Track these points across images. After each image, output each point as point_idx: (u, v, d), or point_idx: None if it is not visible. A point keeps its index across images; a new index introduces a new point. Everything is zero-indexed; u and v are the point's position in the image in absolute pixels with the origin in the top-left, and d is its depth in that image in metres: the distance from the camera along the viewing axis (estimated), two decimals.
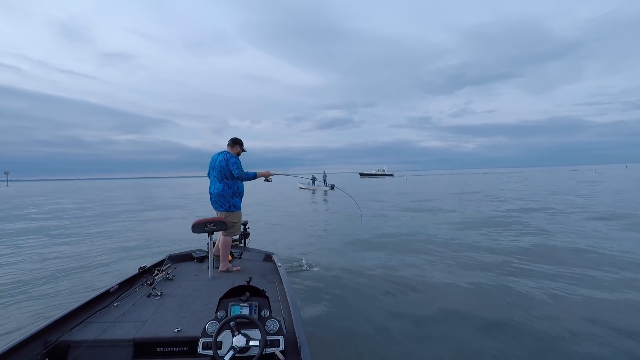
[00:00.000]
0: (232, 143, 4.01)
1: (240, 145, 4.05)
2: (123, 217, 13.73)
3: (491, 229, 8.78)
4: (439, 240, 7.61)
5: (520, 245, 6.85)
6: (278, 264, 3.69)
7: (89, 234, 9.67)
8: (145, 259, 5.54)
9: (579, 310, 3.74)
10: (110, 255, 6.96)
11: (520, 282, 4.66)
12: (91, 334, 2.22)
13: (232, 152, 3.98)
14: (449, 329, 3.40)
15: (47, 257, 6.88)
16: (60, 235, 9.63)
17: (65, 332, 2.20)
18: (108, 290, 2.90)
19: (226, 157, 3.83)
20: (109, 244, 8.16)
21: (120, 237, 9.22)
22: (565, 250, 6.33)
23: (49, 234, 9.98)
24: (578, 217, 10.11)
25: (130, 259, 6.55)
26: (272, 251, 4.38)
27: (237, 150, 4.02)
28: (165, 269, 3.57)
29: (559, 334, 3.22)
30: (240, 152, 4.08)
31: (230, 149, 3.99)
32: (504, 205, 13.81)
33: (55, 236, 9.54)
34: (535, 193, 19.54)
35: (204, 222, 3.53)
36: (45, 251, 7.54)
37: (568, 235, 7.66)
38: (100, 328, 2.30)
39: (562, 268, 5.23)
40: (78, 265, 6.15)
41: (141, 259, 6.14)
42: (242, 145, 4.07)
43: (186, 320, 2.45)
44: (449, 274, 5.17)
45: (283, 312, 2.58)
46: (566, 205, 13.19)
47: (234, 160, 3.83)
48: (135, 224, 11.77)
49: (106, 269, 5.84)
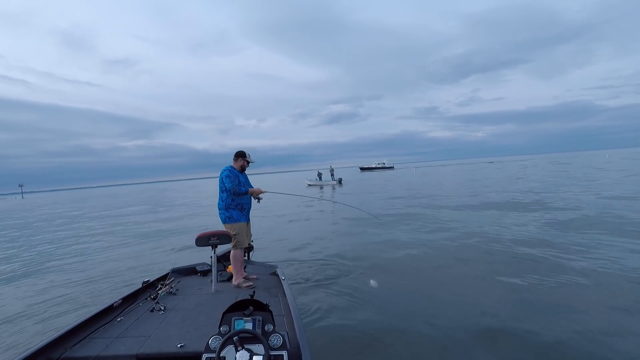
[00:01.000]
0: (235, 157, 4.07)
1: (242, 158, 4.05)
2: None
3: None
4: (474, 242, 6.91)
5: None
6: (282, 277, 3.66)
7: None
8: (149, 273, 5.56)
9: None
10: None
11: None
12: (94, 349, 2.22)
13: (236, 166, 4.04)
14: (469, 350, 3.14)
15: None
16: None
17: (68, 349, 2.20)
18: (111, 305, 2.90)
19: (222, 171, 3.93)
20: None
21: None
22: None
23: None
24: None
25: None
26: (276, 264, 4.34)
27: (240, 163, 4.04)
28: (168, 283, 3.57)
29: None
30: (244, 165, 4.07)
31: (234, 163, 4.06)
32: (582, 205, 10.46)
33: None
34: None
35: (207, 235, 3.52)
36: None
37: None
38: (104, 344, 2.30)
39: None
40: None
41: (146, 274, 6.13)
42: (244, 157, 4.05)
43: (189, 335, 2.44)
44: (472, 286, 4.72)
45: (287, 327, 2.55)
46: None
47: (226, 174, 3.89)
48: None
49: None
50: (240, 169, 4.05)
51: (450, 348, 3.12)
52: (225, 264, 4.27)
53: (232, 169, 3.97)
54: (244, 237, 3.93)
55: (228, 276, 3.99)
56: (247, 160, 4.07)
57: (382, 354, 3.11)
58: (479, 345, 3.12)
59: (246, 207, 4.04)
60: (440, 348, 3.12)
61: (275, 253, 7.11)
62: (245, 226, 3.98)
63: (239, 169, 4.04)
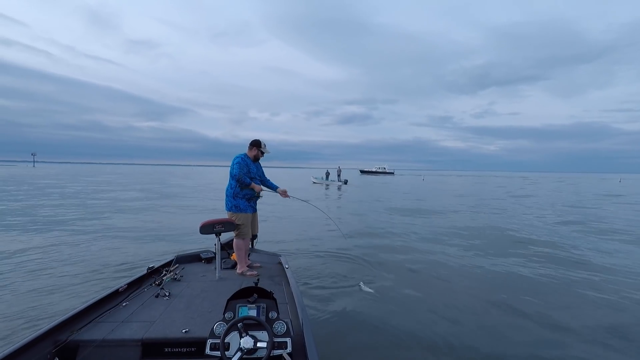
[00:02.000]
0: (250, 145, 4.01)
1: (257, 147, 3.98)
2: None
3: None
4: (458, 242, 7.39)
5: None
6: (285, 265, 3.68)
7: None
8: (154, 259, 5.65)
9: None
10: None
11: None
12: (100, 333, 2.25)
13: (250, 155, 3.98)
14: (466, 338, 3.33)
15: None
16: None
17: (74, 332, 2.23)
18: (117, 290, 2.93)
19: (235, 157, 3.88)
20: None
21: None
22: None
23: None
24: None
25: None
26: (279, 252, 4.36)
27: (254, 152, 3.98)
28: (173, 269, 3.60)
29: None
30: (257, 155, 4.01)
31: (248, 152, 4.00)
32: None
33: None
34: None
35: (212, 223, 3.55)
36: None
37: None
38: (109, 328, 2.33)
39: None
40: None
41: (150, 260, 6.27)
42: (259, 147, 3.99)
43: (194, 321, 2.46)
44: (466, 273, 5.04)
45: (290, 314, 2.58)
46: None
47: (238, 160, 3.84)
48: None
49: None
50: (253, 159, 4.00)
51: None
52: (230, 252, 4.28)
53: (245, 157, 3.91)
54: (248, 227, 3.89)
55: (232, 264, 4.00)
56: (262, 151, 4.01)
57: (386, 343, 3.20)
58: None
59: (254, 198, 3.99)
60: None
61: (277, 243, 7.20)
62: (250, 217, 3.93)
63: (252, 158, 3.98)
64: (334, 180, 34.03)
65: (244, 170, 3.82)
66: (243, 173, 3.80)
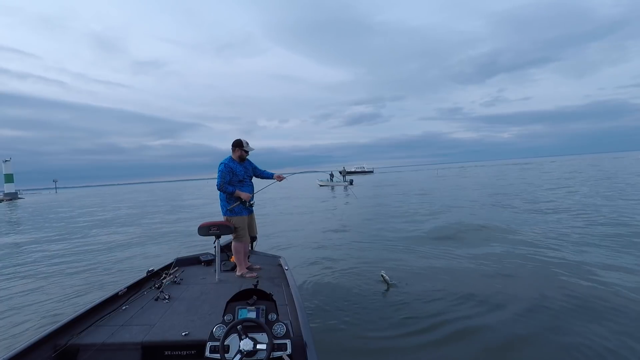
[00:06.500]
0: (232, 147, 3.88)
1: (240, 148, 3.84)
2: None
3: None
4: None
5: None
6: (285, 267, 3.65)
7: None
8: (154, 262, 5.66)
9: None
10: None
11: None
12: (100, 337, 2.25)
13: (235, 157, 3.87)
14: (466, 338, 3.20)
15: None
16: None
17: (74, 335, 2.23)
18: (117, 293, 2.92)
19: (219, 164, 3.78)
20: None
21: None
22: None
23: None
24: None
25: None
26: (279, 255, 4.34)
27: (238, 153, 3.85)
28: (173, 272, 3.60)
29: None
30: (242, 155, 3.88)
31: (233, 154, 3.88)
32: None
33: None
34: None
35: (209, 225, 3.56)
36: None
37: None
38: (109, 331, 2.33)
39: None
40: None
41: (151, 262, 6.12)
42: (242, 147, 3.84)
43: (194, 323, 2.45)
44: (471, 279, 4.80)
45: (290, 316, 2.56)
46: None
47: (221, 168, 3.74)
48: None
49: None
50: (239, 160, 3.87)
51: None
52: (229, 254, 4.25)
53: (229, 162, 3.79)
54: (245, 230, 3.83)
55: (231, 266, 3.98)
56: (245, 150, 3.87)
57: (386, 345, 3.12)
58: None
59: (246, 204, 3.87)
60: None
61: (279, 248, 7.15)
62: (246, 220, 3.86)
63: (237, 159, 3.87)
64: (339, 181, 34.10)
65: (226, 178, 3.72)
66: (225, 182, 3.70)
